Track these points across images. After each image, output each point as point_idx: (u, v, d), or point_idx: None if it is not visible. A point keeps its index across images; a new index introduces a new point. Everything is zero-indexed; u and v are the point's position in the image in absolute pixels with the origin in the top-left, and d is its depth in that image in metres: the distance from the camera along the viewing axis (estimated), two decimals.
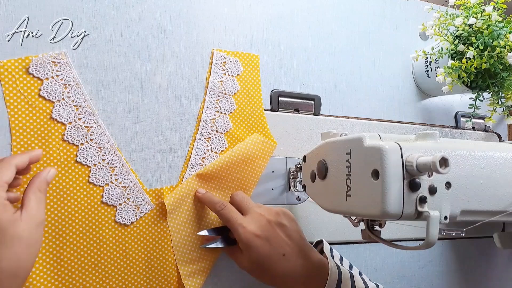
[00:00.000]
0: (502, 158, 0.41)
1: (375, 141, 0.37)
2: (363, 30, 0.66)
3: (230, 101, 0.55)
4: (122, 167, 0.49)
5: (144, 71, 0.52)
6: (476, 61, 0.55)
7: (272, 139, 0.57)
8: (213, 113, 0.54)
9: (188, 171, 0.52)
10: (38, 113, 0.46)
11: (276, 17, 0.60)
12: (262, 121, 0.57)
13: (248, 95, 0.56)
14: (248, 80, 0.56)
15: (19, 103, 0.45)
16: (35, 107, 0.45)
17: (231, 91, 0.55)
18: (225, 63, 0.55)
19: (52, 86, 0.46)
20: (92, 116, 0.48)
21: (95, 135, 0.48)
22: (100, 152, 0.48)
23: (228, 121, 0.55)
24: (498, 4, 0.57)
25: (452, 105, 0.73)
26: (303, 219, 0.58)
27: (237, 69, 0.56)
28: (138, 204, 0.49)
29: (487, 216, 0.39)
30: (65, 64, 0.47)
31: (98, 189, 0.47)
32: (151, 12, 0.53)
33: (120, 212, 0.48)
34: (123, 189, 0.49)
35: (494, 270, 0.73)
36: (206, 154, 0.53)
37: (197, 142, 0.53)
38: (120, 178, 0.49)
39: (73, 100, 0.47)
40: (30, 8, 0.47)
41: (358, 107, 0.65)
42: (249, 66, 0.57)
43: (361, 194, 0.38)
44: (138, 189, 0.49)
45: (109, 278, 0.47)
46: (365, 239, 0.44)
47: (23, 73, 0.45)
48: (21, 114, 0.45)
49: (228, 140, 0.54)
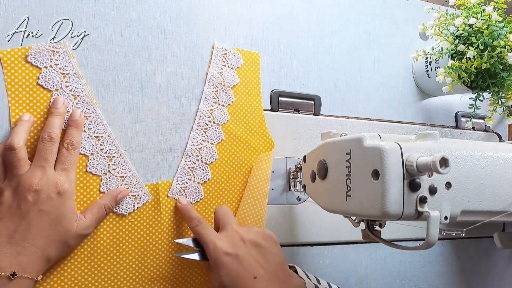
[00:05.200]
0: (502, 158, 0.41)
1: (375, 141, 0.37)
2: (363, 30, 0.66)
3: (229, 93, 0.55)
4: (120, 157, 0.49)
5: (144, 71, 0.52)
6: (476, 61, 0.55)
7: (269, 137, 0.56)
8: (211, 104, 0.54)
9: (183, 161, 0.52)
10: (36, 100, 0.46)
11: (276, 17, 0.60)
12: (260, 117, 0.56)
13: (247, 89, 0.56)
14: (248, 74, 0.57)
15: (20, 92, 0.45)
16: (33, 94, 0.45)
17: (230, 83, 0.55)
18: (226, 55, 0.55)
19: (50, 75, 0.46)
20: (90, 105, 0.48)
21: (93, 125, 0.48)
22: (98, 142, 0.48)
23: (225, 113, 0.54)
24: (498, 4, 0.57)
25: (452, 105, 0.73)
26: (303, 219, 0.58)
27: (238, 62, 0.56)
28: (135, 194, 0.49)
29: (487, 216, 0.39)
30: (64, 53, 0.47)
31: (97, 179, 0.48)
32: (151, 12, 0.53)
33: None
34: (120, 179, 0.49)
35: (494, 270, 0.73)
36: (202, 145, 0.53)
37: (193, 132, 0.53)
38: (118, 168, 0.49)
39: (71, 89, 0.47)
40: (30, 8, 0.47)
41: (358, 107, 0.65)
42: (249, 61, 0.57)
43: (361, 194, 0.38)
44: (136, 179, 0.49)
45: (104, 268, 0.47)
46: (365, 239, 0.44)
47: (22, 60, 0.45)
48: (21, 104, 0.45)
49: (225, 131, 0.54)
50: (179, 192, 0.52)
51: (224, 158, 0.54)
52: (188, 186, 0.52)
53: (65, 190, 0.43)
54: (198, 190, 0.53)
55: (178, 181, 0.52)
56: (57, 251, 0.42)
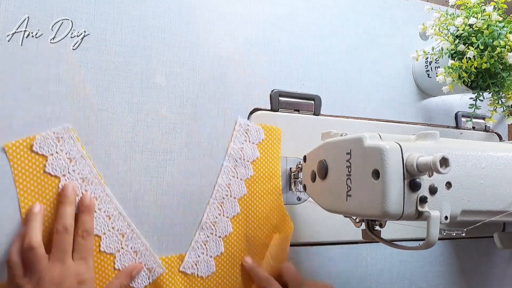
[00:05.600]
0: (503, 158, 0.41)
1: (376, 141, 0.37)
2: (363, 30, 0.66)
3: (248, 167, 0.55)
4: (132, 233, 0.49)
5: (144, 71, 0.52)
6: (477, 61, 0.55)
7: (286, 214, 0.56)
8: (229, 178, 0.54)
9: (198, 235, 0.52)
10: (44, 188, 0.46)
11: (276, 17, 0.60)
12: (277, 193, 0.56)
13: (266, 163, 0.56)
14: (268, 149, 0.56)
15: (28, 182, 0.45)
16: (41, 182, 0.46)
17: (250, 157, 0.55)
18: (248, 130, 0.56)
19: (57, 161, 0.47)
20: (99, 186, 0.48)
21: (103, 204, 0.48)
22: (109, 221, 0.48)
23: (243, 187, 0.54)
24: (498, 4, 0.57)
25: (452, 105, 0.73)
26: (303, 219, 0.58)
27: (259, 137, 0.56)
28: (150, 267, 0.49)
29: (488, 216, 0.39)
30: (69, 138, 0.47)
31: (111, 257, 0.48)
32: (151, 12, 0.53)
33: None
34: (134, 254, 0.49)
35: (494, 270, 0.73)
36: (217, 219, 0.53)
37: (209, 206, 0.53)
38: (130, 244, 0.49)
39: (78, 173, 0.47)
40: (30, 8, 0.47)
41: (358, 107, 0.65)
42: (270, 136, 0.57)
43: (362, 194, 0.38)
44: (149, 252, 0.50)
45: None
46: (365, 239, 0.44)
47: (28, 150, 0.46)
48: (30, 193, 0.45)
49: (241, 205, 0.54)
50: (191, 266, 0.51)
51: (238, 231, 0.54)
52: (200, 260, 0.52)
53: (86, 280, 0.44)
54: (210, 263, 0.52)
55: (191, 255, 0.52)
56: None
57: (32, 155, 0.46)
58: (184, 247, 0.52)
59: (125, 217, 0.49)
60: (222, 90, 0.56)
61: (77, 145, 0.48)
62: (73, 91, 0.48)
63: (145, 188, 0.50)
